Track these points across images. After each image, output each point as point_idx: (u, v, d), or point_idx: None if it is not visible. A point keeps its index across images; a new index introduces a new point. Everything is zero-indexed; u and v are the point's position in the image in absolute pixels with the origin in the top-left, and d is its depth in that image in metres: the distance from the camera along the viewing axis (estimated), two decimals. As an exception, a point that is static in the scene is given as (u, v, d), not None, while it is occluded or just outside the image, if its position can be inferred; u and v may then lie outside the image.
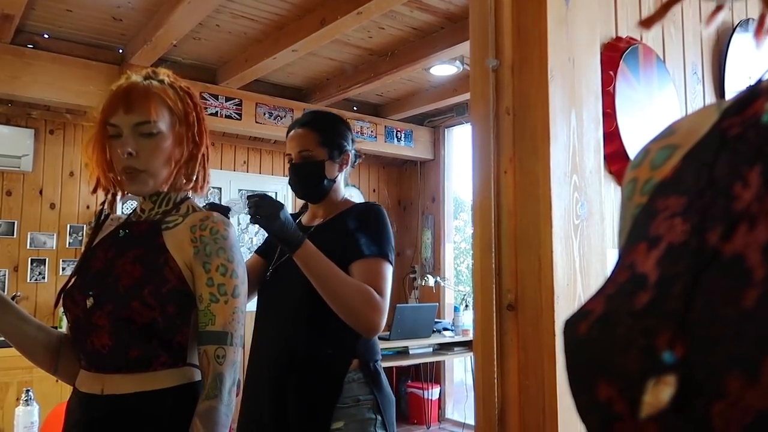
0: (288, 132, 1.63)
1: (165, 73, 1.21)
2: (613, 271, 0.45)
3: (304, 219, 1.69)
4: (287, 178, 1.65)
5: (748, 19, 2.22)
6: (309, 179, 1.57)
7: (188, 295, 1.12)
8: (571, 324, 0.44)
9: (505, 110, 1.34)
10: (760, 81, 0.43)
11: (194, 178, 1.22)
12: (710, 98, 2.07)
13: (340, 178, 1.63)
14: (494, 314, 1.31)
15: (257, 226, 1.40)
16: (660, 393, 0.34)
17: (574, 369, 0.42)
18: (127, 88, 1.15)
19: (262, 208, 1.36)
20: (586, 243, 1.33)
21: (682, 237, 0.40)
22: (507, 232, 1.33)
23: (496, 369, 1.30)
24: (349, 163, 1.64)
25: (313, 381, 1.42)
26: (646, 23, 0.41)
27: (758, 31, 0.46)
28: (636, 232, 0.46)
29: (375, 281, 1.41)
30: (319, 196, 1.60)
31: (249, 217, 1.39)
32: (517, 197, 1.32)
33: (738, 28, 2.17)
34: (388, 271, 1.46)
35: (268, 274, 1.59)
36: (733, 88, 2.15)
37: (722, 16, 0.43)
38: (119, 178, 1.15)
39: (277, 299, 1.53)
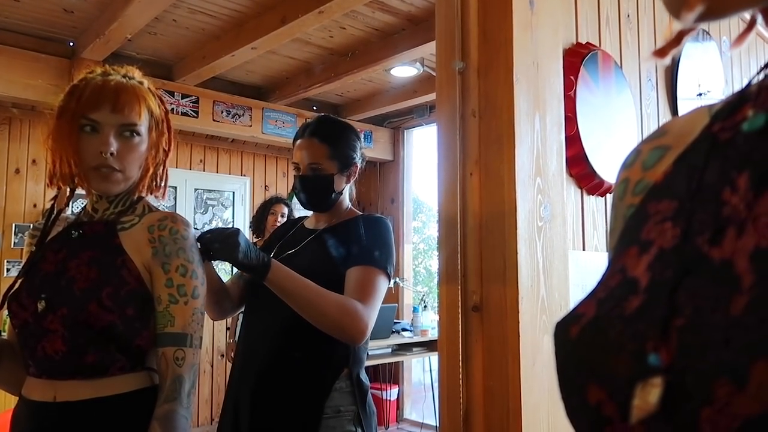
0: (296, 138, 1.58)
1: (139, 75, 1.18)
2: (605, 275, 0.45)
3: (308, 223, 1.66)
4: (294, 187, 1.60)
5: (699, 30, 2.30)
6: (317, 193, 1.55)
7: (147, 297, 1.08)
8: (562, 326, 0.44)
9: (470, 112, 1.34)
10: (749, 85, 0.44)
11: (161, 184, 1.21)
12: (663, 105, 2.13)
13: (347, 189, 1.61)
14: (459, 315, 1.31)
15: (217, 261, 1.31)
16: (648, 395, 0.34)
17: (565, 372, 0.42)
18: (117, 87, 1.12)
19: (214, 242, 1.26)
20: (548, 245, 1.35)
21: (673, 242, 0.40)
22: (472, 233, 1.33)
23: (461, 370, 1.30)
24: (357, 174, 1.63)
25: (300, 387, 1.38)
26: (661, 53, 0.42)
27: (738, 41, 0.46)
28: (628, 236, 0.46)
29: (363, 289, 1.37)
30: (325, 208, 1.58)
31: (205, 255, 1.28)
32: (482, 199, 1.33)
33: (689, 38, 2.24)
34: (381, 280, 1.42)
35: None
36: (685, 96, 2.23)
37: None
38: (85, 175, 1.11)
39: (267, 296, 1.47)
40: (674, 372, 0.34)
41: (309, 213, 1.69)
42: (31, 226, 1.25)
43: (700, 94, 2.31)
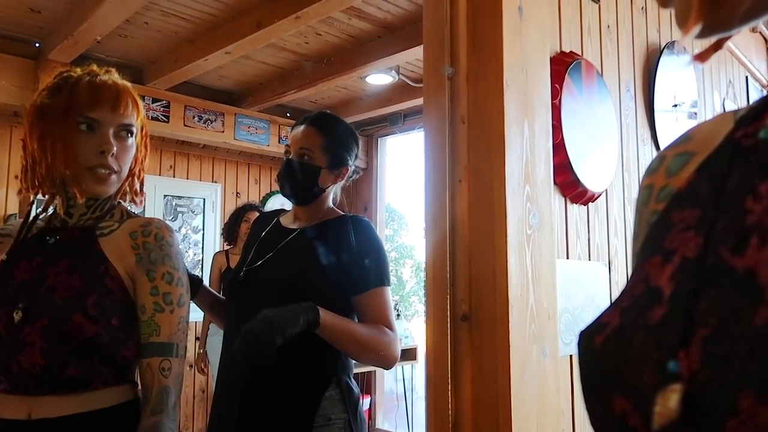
0: (296, 125, 1.54)
1: (117, 76, 1.15)
2: (629, 283, 0.45)
3: (284, 220, 1.59)
4: (279, 171, 1.54)
5: (674, 41, 2.35)
6: (299, 181, 1.48)
7: (131, 305, 1.03)
8: (586, 336, 0.44)
9: (459, 118, 1.33)
10: None
11: (142, 189, 1.18)
12: (641, 115, 2.16)
13: (332, 190, 1.56)
14: (448, 325, 1.29)
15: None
16: (668, 401, 0.34)
17: (590, 381, 0.42)
18: (116, 87, 1.10)
19: (254, 347, 1.14)
20: (537, 253, 1.34)
21: (696, 251, 0.40)
22: (461, 241, 1.31)
23: (450, 381, 1.28)
24: (346, 178, 1.57)
25: (289, 398, 1.34)
26: (701, 57, 0.41)
27: (702, 57, 0.45)
28: (651, 244, 0.46)
29: (383, 315, 1.37)
30: (305, 201, 1.52)
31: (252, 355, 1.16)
32: (471, 206, 1.31)
33: (665, 50, 2.28)
34: (390, 296, 1.42)
35: (241, 274, 1.47)
36: (661, 107, 2.26)
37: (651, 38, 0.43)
38: (78, 176, 1.06)
39: (251, 308, 1.43)
40: (699, 383, 0.33)
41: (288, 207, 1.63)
42: None
43: (675, 105, 2.35)
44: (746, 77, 3.23)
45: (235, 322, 1.46)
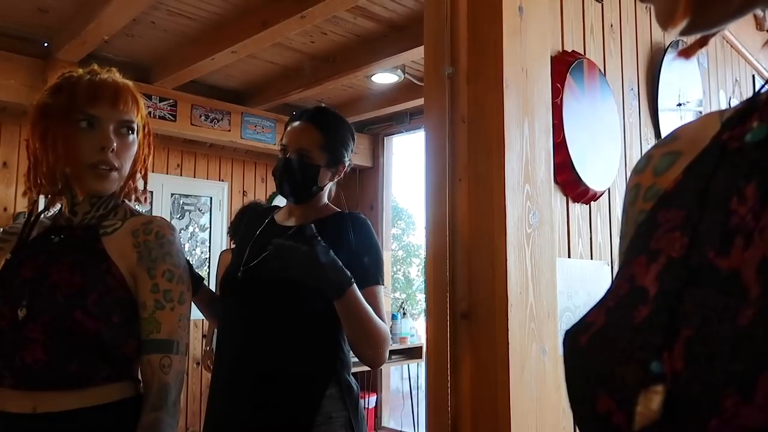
0: (292, 121, 1.51)
1: (119, 76, 1.16)
2: (614, 283, 0.45)
3: (278, 217, 1.58)
4: (275, 168, 1.51)
5: (678, 41, 2.34)
6: (298, 180, 1.46)
7: (133, 303, 1.05)
8: (571, 335, 0.44)
9: (460, 118, 1.34)
10: (759, 93, 0.43)
11: (145, 187, 1.19)
12: (645, 114, 2.16)
13: (328, 186, 1.55)
14: (448, 323, 1.30)
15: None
16: (650, 402, 0.34)
17: (574, 380, 0.42)
18: (114, 84, 1.11)
19: (288, 255, 1.20)
20: (537, 252, 1.34)
21: (681, 251, 0.40)
22: (461, 240, 1.32)
23: (449, 378, 1.28)
24: (342, 174, 1.57)
25: (291, 397, 1.34)
26: (686, 53, 0.42)
27: (687, 53, 0.45)
28: (637, 244, 0.46)
29: (381, 314, 1.37)
30: (302, 199, 1.50)
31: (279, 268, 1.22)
32: (471, 205, 1.32)
33: (669, 49, 2.28)
34: (383, 294, 1.42)
35: (239, 273, 1.45)
36: (666, 106, 2.26)
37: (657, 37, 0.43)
38: (79, 174, 1.07)
39: (251, 307, 1.42)
40: (682, 382, 0.33)
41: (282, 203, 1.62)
42: (1, 230, 1.20)
43: (680, 104, 2.35)
44: (753, 76, 3.21)
45: (231, 321, 1.46)
